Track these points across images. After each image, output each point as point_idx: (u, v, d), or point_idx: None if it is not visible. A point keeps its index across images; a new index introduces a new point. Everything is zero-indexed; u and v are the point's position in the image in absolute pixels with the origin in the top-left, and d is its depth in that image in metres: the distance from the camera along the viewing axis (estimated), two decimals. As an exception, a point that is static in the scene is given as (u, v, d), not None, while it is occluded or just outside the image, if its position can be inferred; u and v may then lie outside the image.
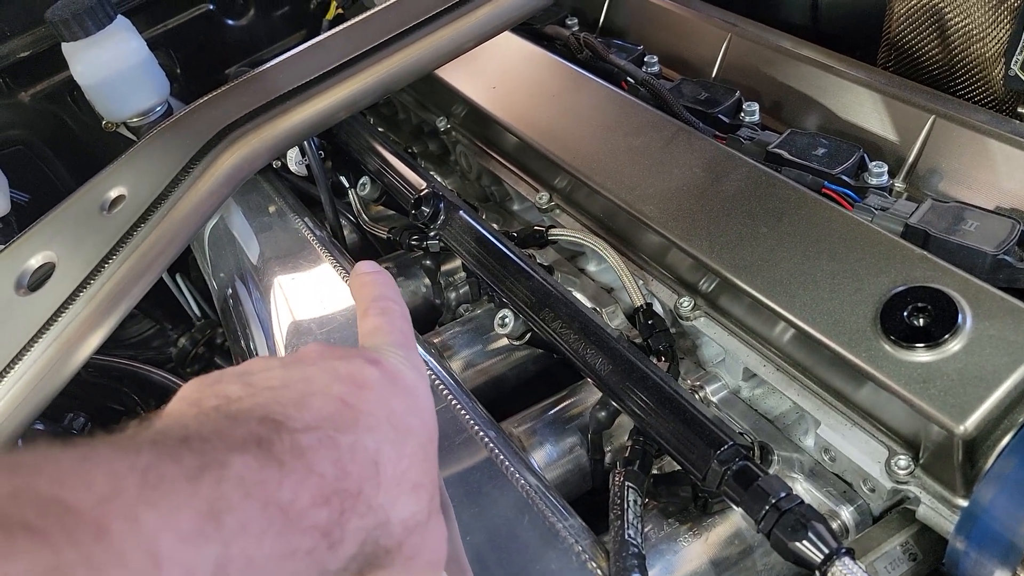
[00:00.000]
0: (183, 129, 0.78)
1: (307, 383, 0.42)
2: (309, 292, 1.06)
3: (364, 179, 1.18)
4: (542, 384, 1.02)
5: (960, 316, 0.65)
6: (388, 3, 0.91)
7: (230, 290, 1.18)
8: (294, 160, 1.18)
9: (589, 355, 0.80)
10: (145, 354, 1.69)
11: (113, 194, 0.76)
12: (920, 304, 0.67)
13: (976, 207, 0.80)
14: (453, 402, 0.85)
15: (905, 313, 0.67)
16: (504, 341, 1.06)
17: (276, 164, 1.23)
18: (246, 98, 0.79)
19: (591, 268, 1.06)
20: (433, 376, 0.88)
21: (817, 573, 0.61)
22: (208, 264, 1.26)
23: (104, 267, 0.72)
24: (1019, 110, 0.97)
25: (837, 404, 0.75)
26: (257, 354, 1.04)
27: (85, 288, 0.72)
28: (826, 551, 0.61)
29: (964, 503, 0.65)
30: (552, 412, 0.92)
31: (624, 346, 0.80)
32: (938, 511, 0.68)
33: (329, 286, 1.05)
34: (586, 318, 0.83)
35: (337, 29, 0.87)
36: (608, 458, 0.89)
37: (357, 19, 0.88)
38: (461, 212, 1.00)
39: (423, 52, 0.84)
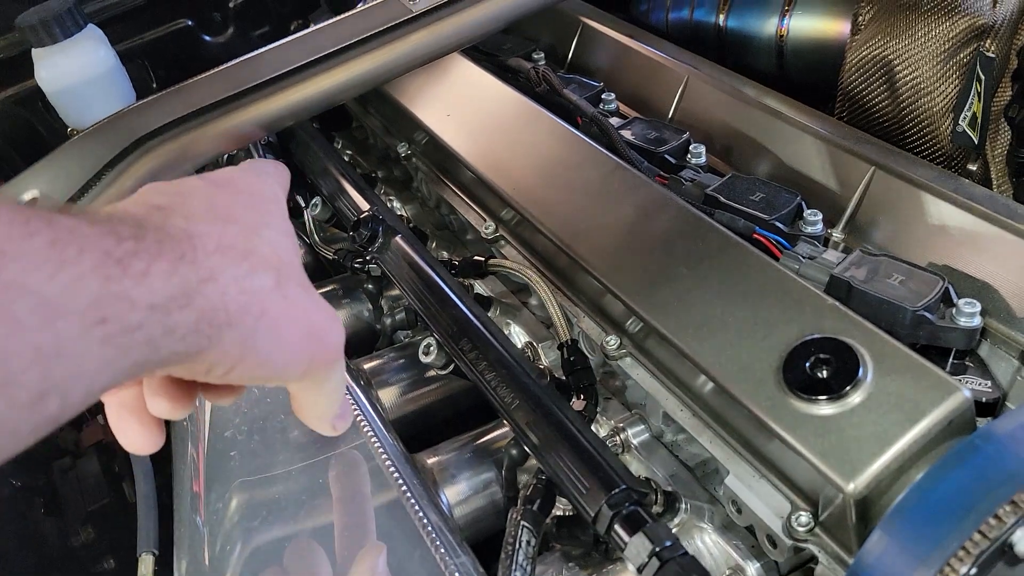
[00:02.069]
0: (103, 134, 0.78)
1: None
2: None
3: (316, 199, 1.18)
4: (473, 417, 1.00)
5: (861, 370, 0.63)
6: (333, 19, 0.92)
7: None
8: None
9: (499, 388, 0.79)
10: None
11: (27, 196, 0.76)
12: (823, 355, 0.65)
13: (906, 262, 0.78)
14: (367, 431, 0.83)
15: (808, 364, 0.65)
16: (434, 371, 1.04)
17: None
18: (173, 106, 0.79)
19: (533, 301, 1.04)
20: (352, 404, 0.86)
21: (692, 630, 0.59)
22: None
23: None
24: (969, 167, 0.96)
25: (745, 454, 0.72)
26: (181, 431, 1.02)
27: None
28: (704, 608, 0.58)
29: (858, 565, 0.62)
30: (469, 446, 0.90)
31: (535, 383, 0.78)
32: (834, 572, 0.65)
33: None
34: (500, 352, 0.82)
35: (277, 43, 0.88)
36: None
37: (299, 34, 0.89)
38: (398, 237, 0.99)
39: (361, 69, 0.84)
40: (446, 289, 0.90)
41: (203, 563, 0.76)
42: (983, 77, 0.89)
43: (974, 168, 0.96)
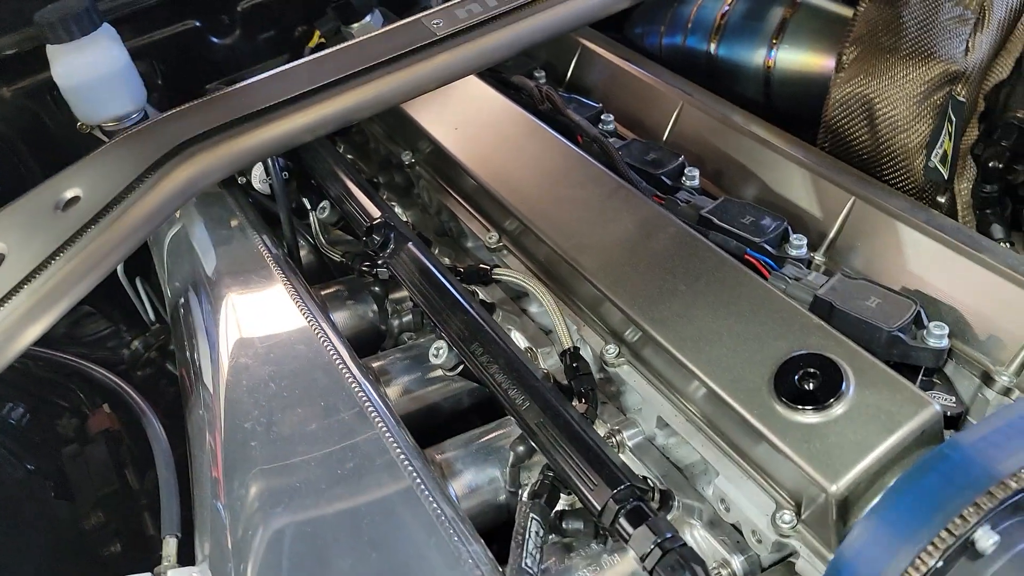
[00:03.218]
0: (144, 139, 0.82)
1: None
2: (257, 309, 1.09)
3: (324, 203, 1.23)
4: (476, 416, 1.06)
5: (844, 383, 0.71)
6: (360, 39, 0.96)
7: (182, 299, 1.21)
8: (258, 178, 1.22)
9: (510, 390, 0.85)
10: (98, 353, 1.71)
11: (69, 194, 0.80)
12: (811, 369, 0.72)
13: (882, 286, 0.86)
14: (380, 425, 0.89)
15: (796, 377, 0.72)
16: (440, 371, 1.10)
17: (241, 180, 1.27)
18: (210, 115, 0.84)
19: (533, 309, 1.11)
20: (364, 400, 0.91)
21: (692, 614, 0.65)
22: (165, 271, 1.29)
23: (51, 263, 0.75)
24: (938, 199, 1.04)
25: (734, 456, 0.79)
26: (200, 365, 1.07)
27: (30, 281, 0.75)
28: (700, 592, 0.65)
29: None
30: (476, 443, 0.96)
31: (543, 385, 0.84)
32: (814, 565, 0.72)
33: (277, 305, 1.09)
34: (511, 355, 0.88)
35: (307, 59, 0.92)
36: (524, 493, 0.93)
37: (327, 51, 0.93)
38: (410, 244, 1.05)
39: (386, 88, 0.89)
40: (457, 295, 0.96)
41: (226, 546, 0.81)
42: (954, 119, 0.97)
43: (942, 200, 1.05)
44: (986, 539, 0.61)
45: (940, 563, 0.61)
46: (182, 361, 1.14)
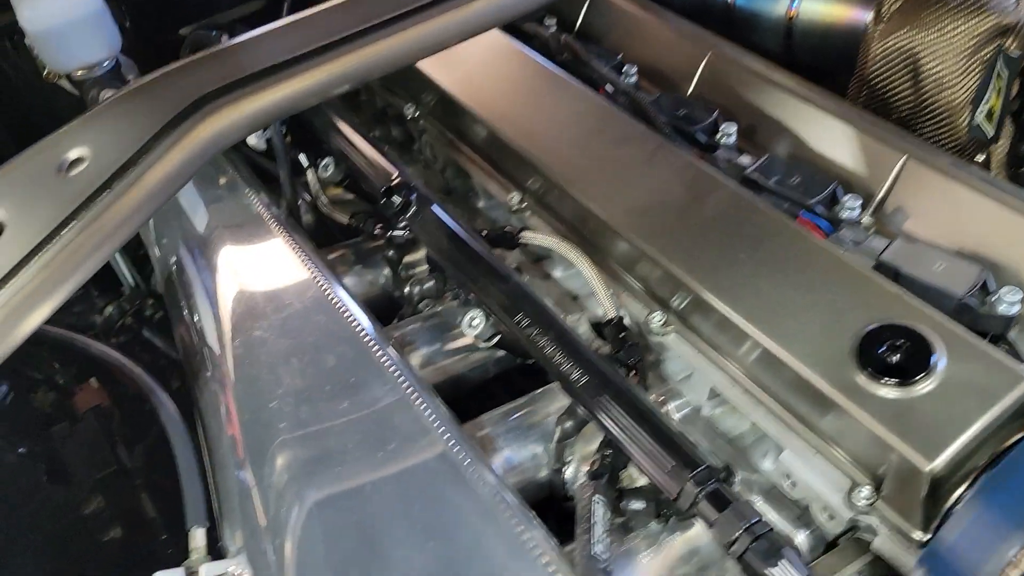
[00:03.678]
0: (158, 92, 0.73)
1: None
2: (261, 268, 1.02)
3: (328, 160, 1.14)
4: (500, 387, 1.01)
5: (934, 356, 0.67)
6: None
7: (174, 259, 1.12)
8: (254, 133, 1.13)
9: (564, 364, 0.79)
10: (64, 319, 1.59)
11: (73, 155, 0.71)
12: (897, 342, 0.69)
13: (944, 249, 0.83)
14: (418, 402, 0.83)
15: (882, 349, 0.69)
16: (465, 341, 1.04)
17: (234, 136, 1.17)
18: (227, 67, 0.75)
19: (557, 273, 1.05)
20: (397, 374, 0.85)
21: (787, 600, 0.62)
22: (150, 230, 1.19)
23: (61, 233, 0.67)
24: (977, 158, 1.01)
25: (802, 431, 0.76)
26: (202, 326, 0.99)
27: (37, 255, 0.66)
28: (796, 578, 0.62)
29: (922, 537, 0.67)
30: (515, 418, 0.90)
31: (600, 360, 0.79)
32: (895, 543, 0.70)
33: (282, 263, 1.01)
34: (561, 327, 0.82)
35: (326, 5, 0.83)
36: (568, 470, 0.88)
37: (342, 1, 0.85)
38: (434, 206, 0.98)
39: (418, 37, 0.81)
40: (493, 264, 0.90)
41: (261, 534, 0.75)
42: (1004, 73, 0.94)
43: (980, 159, 1.02)
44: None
45: (1054, 546, 0.59)
46: (180, 321, 1.06)
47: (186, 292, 1.04)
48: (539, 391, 0.95)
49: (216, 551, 0.78)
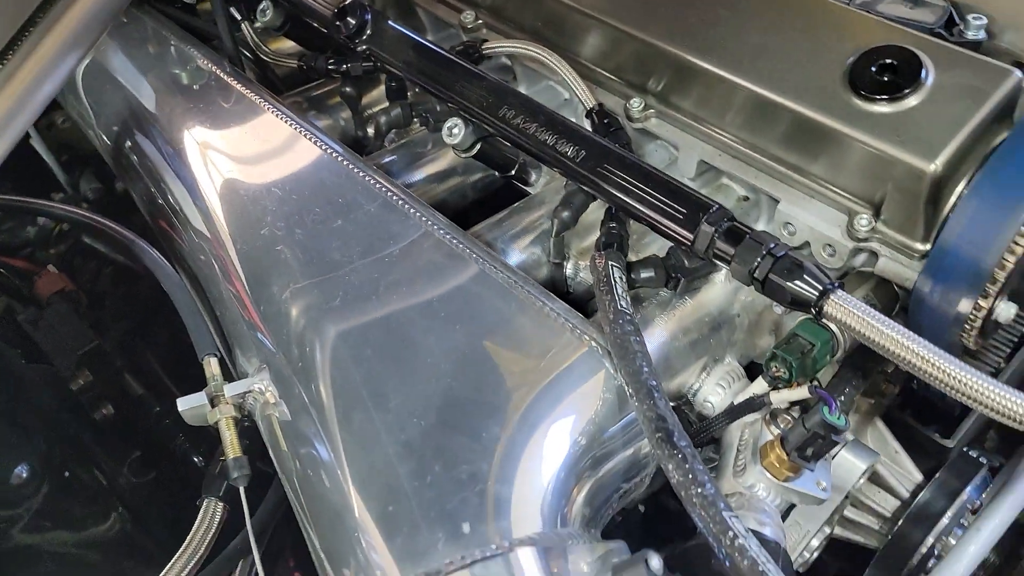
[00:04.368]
0: None
1: None
2: (222, 119, 0.96)
3: (265, 3, 1.07)
4: (480, 212, 1.00)
5: (924, 70, 0.69)
6: None
7: (128, 143, 1.04)
8: (182, -15, 1.05)
9: (559, 145, 0.78)
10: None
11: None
12: (886, 61, 0.70)
13: (908, -7, 0.84)
14: (412, 211, 0.81)
15: (873, 69, 0.70)
16: (440, 166, 1.02)
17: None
18: None
19: (522, 89, 1.03)
20: (385, 190, 0.83)
21: (813, 310, 0.64)
22: (88, 112, 1.11)
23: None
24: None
25: (796, 178, 0.77)
26: (181, 209, 0.92)
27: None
28: (820, 287, 0.64)
29: (925, 248, 0.70)
30: (508, 222, 0.90)
31: (592, 133, 0.79)
32: (898, 260, 0.73)
33: (243, 110, 0.96)
34: (549, 111, 0.81)
35: None
36: (568, 265, 0.89)
37: None
38: (390, 22, 0.94)
39: None
40: (466, 64, 0.87)
41: (276, 349, 0.73)
42: None
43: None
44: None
45: (1057, 212, 0.62)
46: (152, 210, 0.99)
47: (147, 171, 0.98)
48: (522, 201, 0.94)
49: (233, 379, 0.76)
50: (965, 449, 0.87)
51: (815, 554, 0.88)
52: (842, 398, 0.80)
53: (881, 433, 0.90)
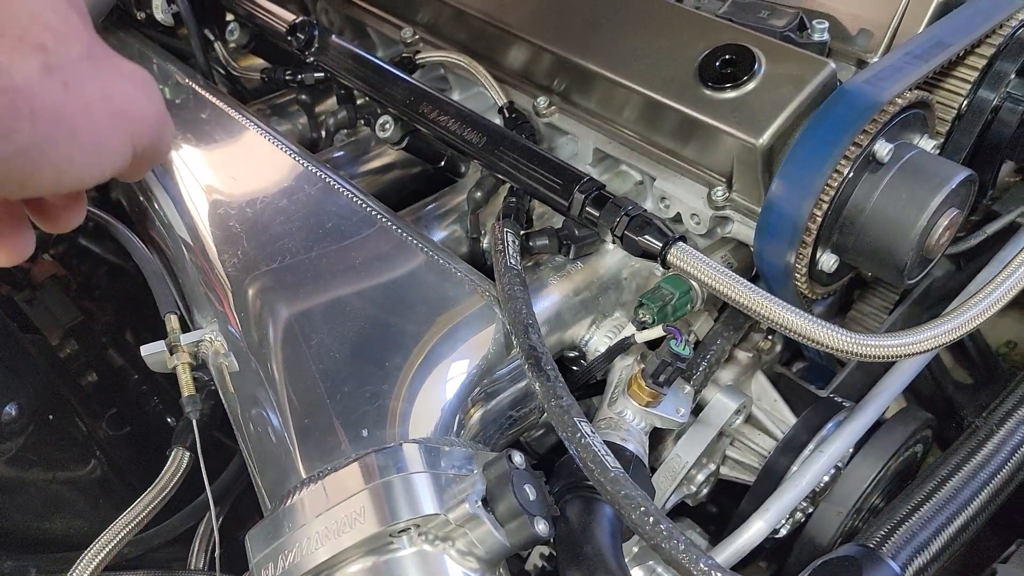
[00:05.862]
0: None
1: None
2: (206, 136, 1.11)
3: (232, 25, 1.23)
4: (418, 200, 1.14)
5: (757, 63, 0.83)
6: None
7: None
8: (160, 8, 1.21)
9: (466, 133, 0.93)
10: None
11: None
12: (727, 56, 0.84)
13: (770, 2, 0.98)
14: (346, 193, 0.95)
15: (717, 64, 0.84)
16: (383, 160, 1.17)
17: (141, 16, 1.25)
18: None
19: (456, 96, 1.18)
20: (325, 177, 0.97)
21: (659, 259, 0.78)
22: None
23: None
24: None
25: (669, 159, 0.91)
26: (155, 195, 1.06)
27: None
28: (664, 239, 0.77)
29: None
30: (430, 207, 1.04)
31: (491, 122, 0.93)
32: (746, 224, 0.87)
33: (213, 117, 1.11)
34: (458, 107, 0.95)
35: None
36: (485, 240, 1.03)
37: None
38: (333, 36, 1.09)
39: None
40: (394, 70, 1.02)
41: (223, 306, 0.87)
42: None
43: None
44: (883, 149, 0.76)
45: (851, 173, 0.76)
46: (130, 195, 1.14)
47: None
48: (448, 187, 1.09)
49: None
50: (830, 395, 1.00)
51: (703, 489, 1.01)
52: (715, 347, 0.94)
53: (762, 385, 1.03)
